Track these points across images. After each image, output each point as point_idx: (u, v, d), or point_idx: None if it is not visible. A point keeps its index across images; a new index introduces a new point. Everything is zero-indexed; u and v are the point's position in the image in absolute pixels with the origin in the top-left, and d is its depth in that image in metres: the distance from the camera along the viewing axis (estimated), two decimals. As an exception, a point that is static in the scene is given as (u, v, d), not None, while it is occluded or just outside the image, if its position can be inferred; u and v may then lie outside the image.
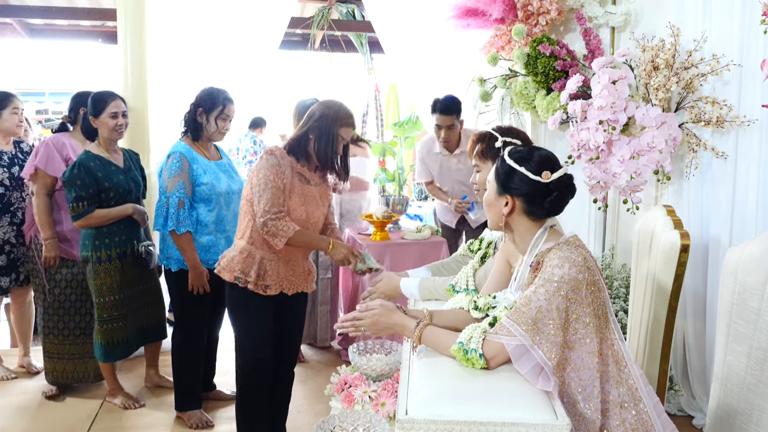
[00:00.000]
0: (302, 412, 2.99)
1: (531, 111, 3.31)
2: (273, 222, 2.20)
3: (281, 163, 2.25)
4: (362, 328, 1.59)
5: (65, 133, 3.17)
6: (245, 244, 2.34)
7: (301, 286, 2.47)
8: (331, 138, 2.29)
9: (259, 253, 2.33)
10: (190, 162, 2.73)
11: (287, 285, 2.40)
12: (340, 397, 1.66)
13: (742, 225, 2.57)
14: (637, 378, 1.45)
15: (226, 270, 2.36)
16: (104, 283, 2.87)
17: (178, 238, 2.70)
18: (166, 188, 2.70)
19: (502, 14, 3.24)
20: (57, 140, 3.10)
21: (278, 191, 2.23)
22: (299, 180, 2.32)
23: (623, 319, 2.77)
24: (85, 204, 2.79)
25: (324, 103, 2.35)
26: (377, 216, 3.52)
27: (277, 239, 2.22)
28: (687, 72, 2.63)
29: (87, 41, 6.23)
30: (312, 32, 5.66)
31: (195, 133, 2.80)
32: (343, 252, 2.31)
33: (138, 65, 3.58)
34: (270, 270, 2.34)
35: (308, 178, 2.36)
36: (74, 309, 3.11)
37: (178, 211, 2.67)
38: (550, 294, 1.38)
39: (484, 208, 1.61)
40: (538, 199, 1.49)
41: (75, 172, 2.78)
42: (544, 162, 1.50)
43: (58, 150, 3.06)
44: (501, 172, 1.53)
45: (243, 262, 2.33)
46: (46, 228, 3.06)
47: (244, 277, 2.32)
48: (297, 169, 2.32)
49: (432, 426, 1.22)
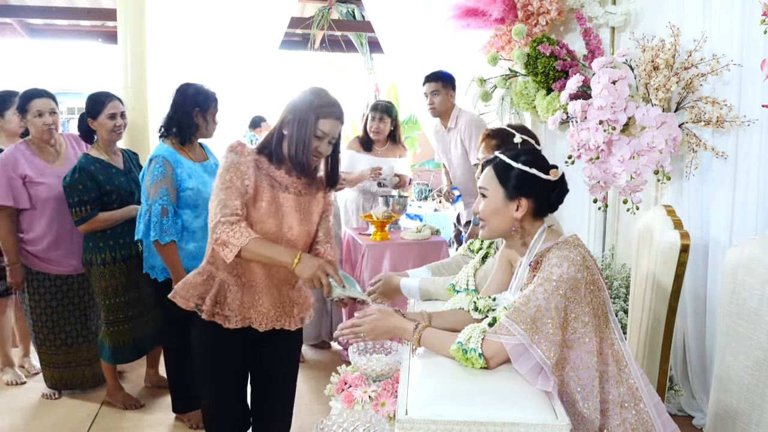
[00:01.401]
0: (302, 412, 2.99)
1: (531, 111, 3.31)
2: (223, 227, 1.74)
3: (242, 161, 1.83)
4: (362, 334, 1.59)
5: (21, 143, 2.98)
6: (206, 263, 1.92)
7: (279, 322, 1.95)
8: (304, 132, 1.82)
9: (220, 275, 1.90)
10: (174, 166, 2.57)
11: (256, 318, 1.92)
12: (340, 397, 1.65)
13: (742, 225, 2.56)
14: (638, 377, 1.45)
15: (182, 297, 1.91)
16: (110, 285, 2.86)
17: (162, 249, 2.55)
18: (148, 194, 2.55)
19: (502, 14, 3.24)
20: (8, 159, 2.88)
21: (234, 193, 1.79)
22: (269, 184, 1.87)
23: (623, 319, 2.76)
24: (87, 208, 2.77)
25: (302, 91, 1.89)
26: (377, 216, 3.52)
27: (226, 249, 1.74)
28: (687, 72, 2.63)
29: (87, 41, 6.25)
30: (312, 32, 5.67)
31: (184, 134, 2.65)
32: (312, 269, 1.72)
33: (138, 65, 3.58)
34: (230, 297, 1.89)
35: (285, 184, 1.89)
36: (63, 320, 3.03)
37: (161, 220, 2.52)
38: (549, 293, 1.38)
39: (486, 215, 1.55)
40: (545, 197, 1.53)
41: (76, 176, 2.75)
42: (544, 160, 1.55)
43: (12, 170, 2.86)
44: (512, 176, 1.52)
45: (202, 285, 1.91)
46: (9, 254, 2.93)
47: (202, 303, 1.89)
48: (268, 171, 1.88)
49: (432, 426, 1.22)
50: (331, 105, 1.85)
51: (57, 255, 2.98)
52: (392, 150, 3.94)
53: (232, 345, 1.94)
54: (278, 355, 2.05)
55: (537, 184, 1.51)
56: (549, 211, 1.57)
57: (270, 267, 1.89)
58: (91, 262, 2.86)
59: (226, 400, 2.02)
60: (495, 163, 1.55)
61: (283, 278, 1.95)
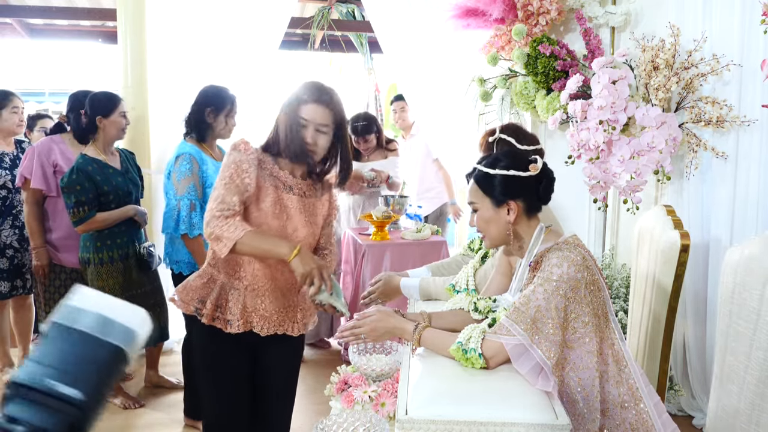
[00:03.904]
0: (302, 412, 2.99)
1: (531, 111, 3.31)
2: (216, 222, 1.70)
3: (243, 158, 1.77)
4: (362, 335, 1.59)
5: (57, 136, 3.13)
6: (206, 266, 1.88)
7: (283, 326, 1.89)
8: (290, 122, 1.77)
9: (221, 277, 1.85)
10: (200, 163, 2.68)
11: (258, 322, 1.85)
12: (340, 397, 1.65)
13: (742, 225, 2.57)
14: (638, 378, 1.45)
15: (182, 300, 1.86)
16: (106, 284, 2.86)
17: (191, 242, 2.65)
18: (176, 191, 2.63)
19: (502, 14, 3.23)
20: (43, 147, 3.05)
21: (233, 190, 1.74)
22: (273, 185, 1.81)
23: (623, 319, 2.76)
24: (85, 209, 2.77)
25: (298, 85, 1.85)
26: (377, 216, 3.52)
27: (220, 244, 1.69)
28: (687, 72, 2.63)
29: (87, 41, 6.24)
30: (312, 32, 5.67)
31: (201, 133, 2.76)
32: (310, 266, 1.69)
33: (138, 65, 3.58)
34: (232, 301, 1.83)
35: (289, 184, 1.84)
36: None
37: (189, 214, 2.61)
38: (549, 293, 1.38)
39: (482, 228, 1.56)
40: (533, 193, 1.52)
41: (74, 177, 2.75)
42: (520, 157, 1.53)
43: (45, 157, 3.01)
44: (494, 184, 1.51)
45: (202, 288, 1.85)
46: (35, 236, 3.04)
47: (203, 307, 1.83)
48: (272, 171, 1.83)
49: (432, 426, 1.22)
50: (313, 91, 1.78)
51: (76, 244, 3.01)
52: (379, 154, 4.07)
53: (234, 349, 1.87)
54: (279, 360, 1.98)
55: (520, 183, 1.50)
56: (542, 204, 1.55)
57: (275, 271, 1.84)
58: (89, 261, 2.87)
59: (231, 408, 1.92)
60: (475, 175, 1.55)
61: (288, 282, 1.88)
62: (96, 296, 0.77)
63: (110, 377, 0.74)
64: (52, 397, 0.68)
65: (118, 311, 0.75)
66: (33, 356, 0.72)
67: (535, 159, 1.52)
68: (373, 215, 3.54)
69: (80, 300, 0.75)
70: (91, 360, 0.72)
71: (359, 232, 3.73)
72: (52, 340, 0.72)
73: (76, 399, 0.69)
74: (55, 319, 0.74)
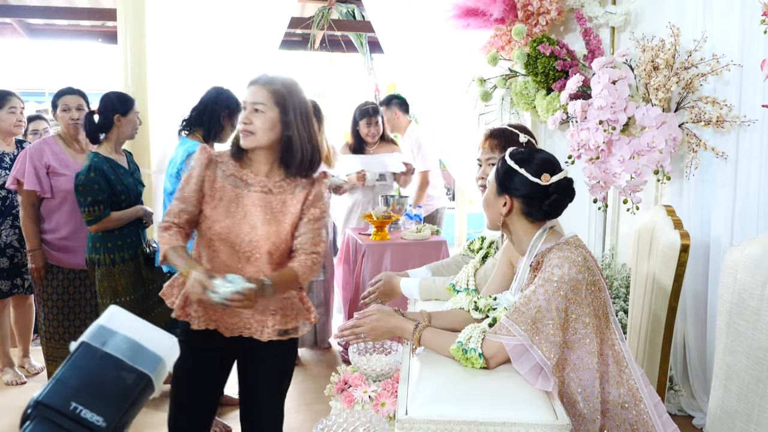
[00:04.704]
0: (302, 412, 2.99)
1: (531, 111, 3.31)
2: (158, 230, 1.79)
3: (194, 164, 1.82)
4: (362, 334, 1.59)
5: (49, 137, 3.12)
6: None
7: (249, 330, 1.83)
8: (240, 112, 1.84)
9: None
10: None
11: (221, 322, 1.83)
12: (340, 397, 1.65)
13: (742, 225, 2.56)
14: (638, 378, 1.45)
15: (165, 294, 1.87)
16: (119, 284, 2.83)
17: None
18: None
19: (502, 14, 3.23)
20: (35, 149, 3.02)
21: (179, 199, 1.79)
22: (233, 184, 1.81)
23: (623, 319, 2.76)
24: (101, 207, 2.74)
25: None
26: (377, 216, 3.52)
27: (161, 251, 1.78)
28: (687, 72, 2.63)
29: (87, 41, 6.24)
30: (312, 32, 5.67)
31: (209, 133, 2.77)
32: (191, 286, 1.65)
33: (138, 65, 3.58)
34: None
35: (250, 182, 1.82)
36: (73, 314, 3.07)
37: None
38: (550, 294, 1.38)
39: (483, 207, 1.61)
40: (537, 201, 1.50)
41: (91, 176, 2.72)
42: (544, 164, 1.51)
43: (37, 160, 2.99)
44: (501, 172, 1.54)
45: (182, 282, 1.81)
46: (30, 239, 3.02)
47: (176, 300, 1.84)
48: (234, 171, 1.83)
49: (432, 426, 1.22)
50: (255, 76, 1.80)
51: (74, 245, 3.01)
52: (384, 147, 4.06)
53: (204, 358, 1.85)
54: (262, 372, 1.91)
55: (524, 184, 1.50)
56: (544, 218, 1.53)
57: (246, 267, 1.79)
58: (97, 262, 2.82)
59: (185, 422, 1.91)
60: (501, 158, 1.57)
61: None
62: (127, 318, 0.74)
63: (135, 406, 0.72)
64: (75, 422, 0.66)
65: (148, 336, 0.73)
66: (58, 375, 0.69)
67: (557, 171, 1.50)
68: (373, 215, 3.54)
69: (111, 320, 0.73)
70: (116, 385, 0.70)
71: (359, 232, 3.73)
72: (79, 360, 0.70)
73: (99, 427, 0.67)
74: (84, 338, 0.72)
